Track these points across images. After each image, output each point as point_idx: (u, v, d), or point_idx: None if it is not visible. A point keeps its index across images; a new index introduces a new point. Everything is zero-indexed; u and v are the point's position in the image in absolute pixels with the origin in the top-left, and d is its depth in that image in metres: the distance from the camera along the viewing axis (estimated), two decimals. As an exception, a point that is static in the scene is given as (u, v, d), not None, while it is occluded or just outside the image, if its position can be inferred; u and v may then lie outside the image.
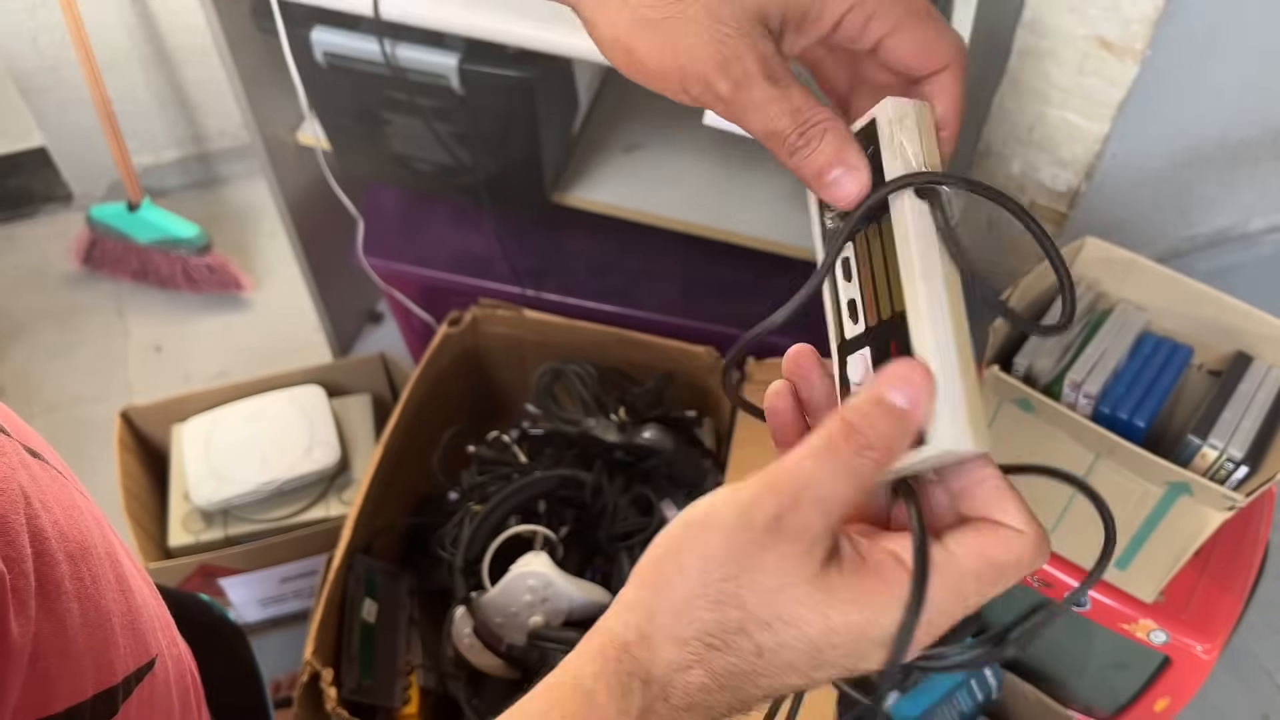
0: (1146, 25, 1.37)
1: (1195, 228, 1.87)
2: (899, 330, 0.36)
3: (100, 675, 0.36)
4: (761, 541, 0.32)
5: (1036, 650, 1.26)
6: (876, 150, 0.39)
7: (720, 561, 0.33)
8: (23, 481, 0.34)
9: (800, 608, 0.33)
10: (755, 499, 0.33)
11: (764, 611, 0.33)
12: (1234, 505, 0.94)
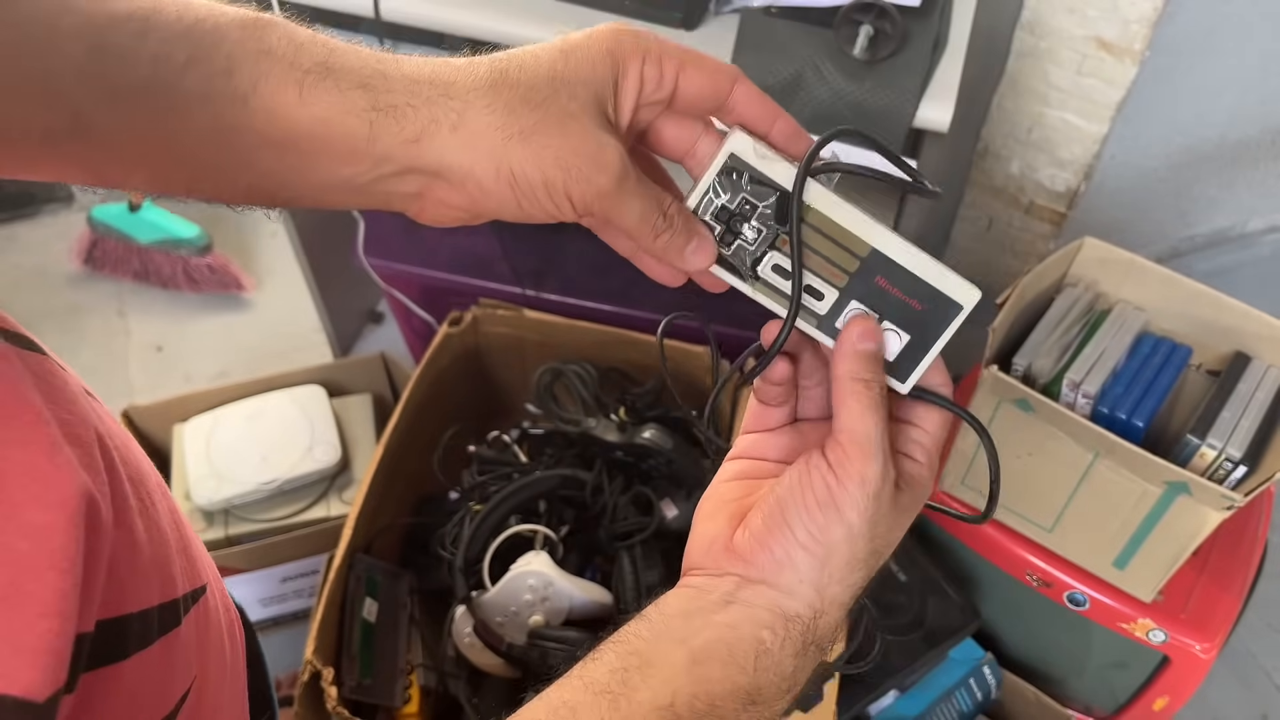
0: (1145, 26, 1.37)
1: (1194, 228, 1.88)
2: (875, 264, 0.45)
3: (164, 588, 0.38)
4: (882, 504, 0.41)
5: (1036, 650, 1.27)
6: (750, 175, 0.46)
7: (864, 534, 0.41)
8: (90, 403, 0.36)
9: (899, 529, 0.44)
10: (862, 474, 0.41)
11: (887, 545, 0.43)
12: (1232, 505, 0.94)
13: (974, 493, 1.16)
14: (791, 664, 0.41)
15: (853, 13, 1.02)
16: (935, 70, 1.07)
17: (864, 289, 0.45)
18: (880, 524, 0.42)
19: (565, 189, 0.41)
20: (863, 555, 0.42)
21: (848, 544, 0.41)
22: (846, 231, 0.45)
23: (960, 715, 1.20)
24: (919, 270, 0.45)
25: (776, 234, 0.46)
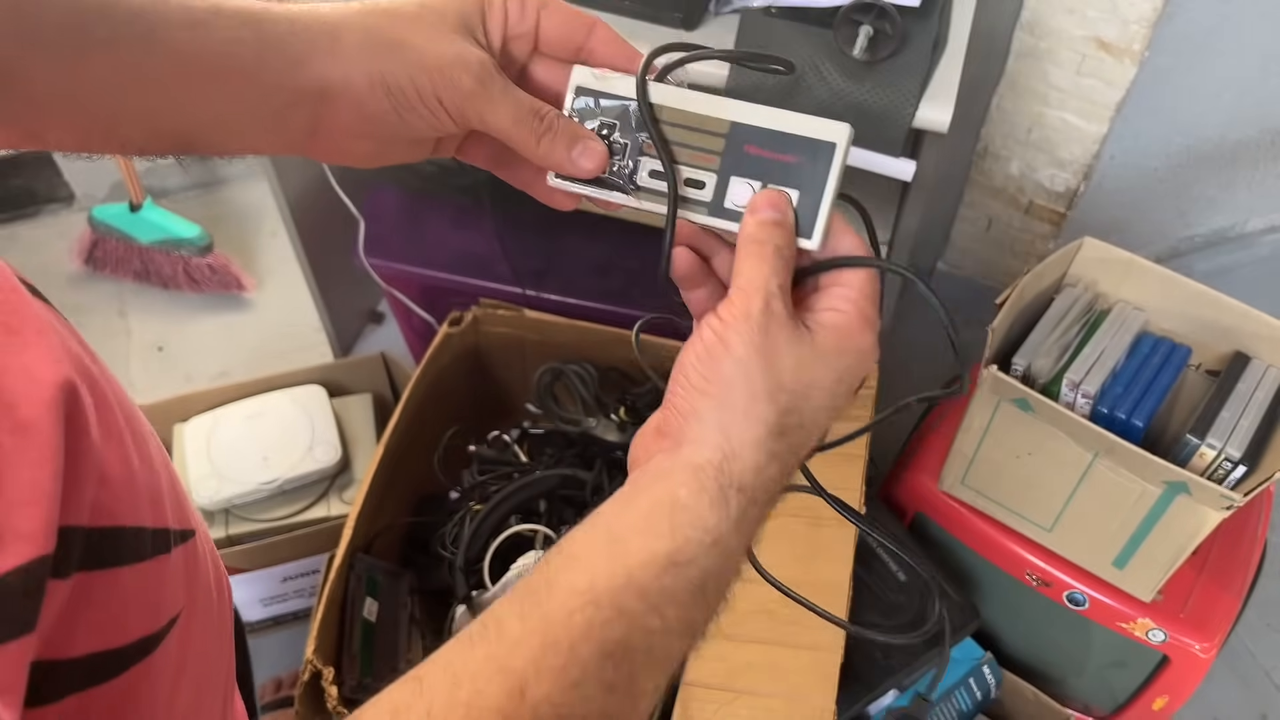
0: (1145, 26, 1.37)
1: (1193, 228, 1.88)
2: (739, 136, 0.46)
3: (155, 513, 0.39)
4: (776, 342, 0.41)
5: (1036, 649, 1.27)
6: (601, 99, 0.48)
7: (760, 368, 0.41)
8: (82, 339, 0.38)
9: (815, 371, 0.42)
10: (748, 317, 0.41)
11: (798, 385, 0.42)
12: (1232, 505, 0.94)
13: (973, 492, 1.17)
14: (712, 515, 0.39)
15: (852, 13, 1.02)
16: (935, 71, 1.07)
17: (738, 162, 0.46)
18: (781, 357, 0.41)
19: (434, 92, 0.44)
20: (765, 388, 0.41)
21: (743, 378, 0.41)
22: (702, 116, 0.47)
23: (960, 714, 1.20)
24: (781, 125, 0.46)
25: (640, 141, 0.48)
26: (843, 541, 1.04)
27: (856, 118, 1.05)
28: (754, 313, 0.41)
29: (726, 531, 0.40)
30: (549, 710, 0.34)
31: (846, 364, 0.43)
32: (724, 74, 1.06)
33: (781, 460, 0.42)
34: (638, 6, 1.09)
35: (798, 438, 0.42)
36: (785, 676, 0.97)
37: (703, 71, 1.07)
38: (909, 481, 1.24)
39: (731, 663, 0.98)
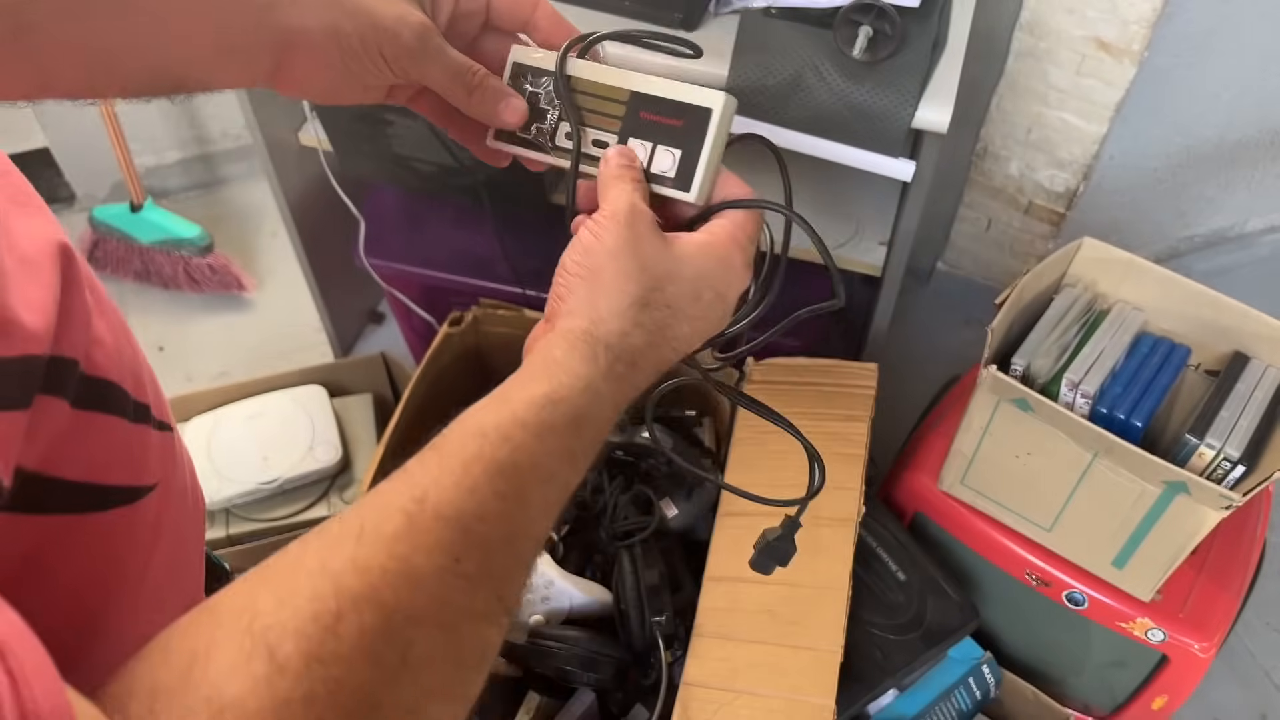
0: (1144, 27, 1.37)
1: (1193, 228, 1.88)
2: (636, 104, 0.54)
3: (137, 389, 0.43)
4: (640, 234, 0.49)
5: (1035, 649, 1.27)
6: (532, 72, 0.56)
7: (626, 254, 0.48)
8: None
9: (675, 264, 0.50)
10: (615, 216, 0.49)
11: (660, 270, 0.49)
12: (1231, 504, 0.94)
13: (973, 492, 1.17)
14: (583, 367, 0.45)
15: (852, 13, 1.02)
16: (934, 71, 1.07)
17: (635, 127, 0.55)
18: (644, 245, 0.49)
19: (378, 45, 0.49)
20: (629, 269, 0.48)
21: (611, 260, 0.48)
22: (608, 86, 0.55)
23: (959, 714, 1.20)
24: (670, 94, 0.54)
25: (560, 108, 0.56)
26: (842, 541, 1.04)
27: (856, 118, 1.06)
28: (620, 214, 0.49)
29: (597, 380, 0.46)
30: (449, 510, 0.38)
31: (709, 267, 0.51)
32: (723, 75, 1.07)
33: (647, 331, 0.48)
34: (638, 7, 1.09)
35: (663, 315, 0.49)
36: (785, 676, 0.97)
37: (702, 72, 1.08)
38: (909, 481, 1.24)
39: (731, 663, 0.98)
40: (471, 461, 0.40)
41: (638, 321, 0.48)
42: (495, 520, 0.40)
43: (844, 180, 1.32)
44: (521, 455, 0.41)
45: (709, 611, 1.02)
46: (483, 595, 0.39)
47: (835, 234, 1.32)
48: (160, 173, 2.04)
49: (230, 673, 0.30)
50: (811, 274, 1.48)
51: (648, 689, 1.04)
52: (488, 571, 0.39)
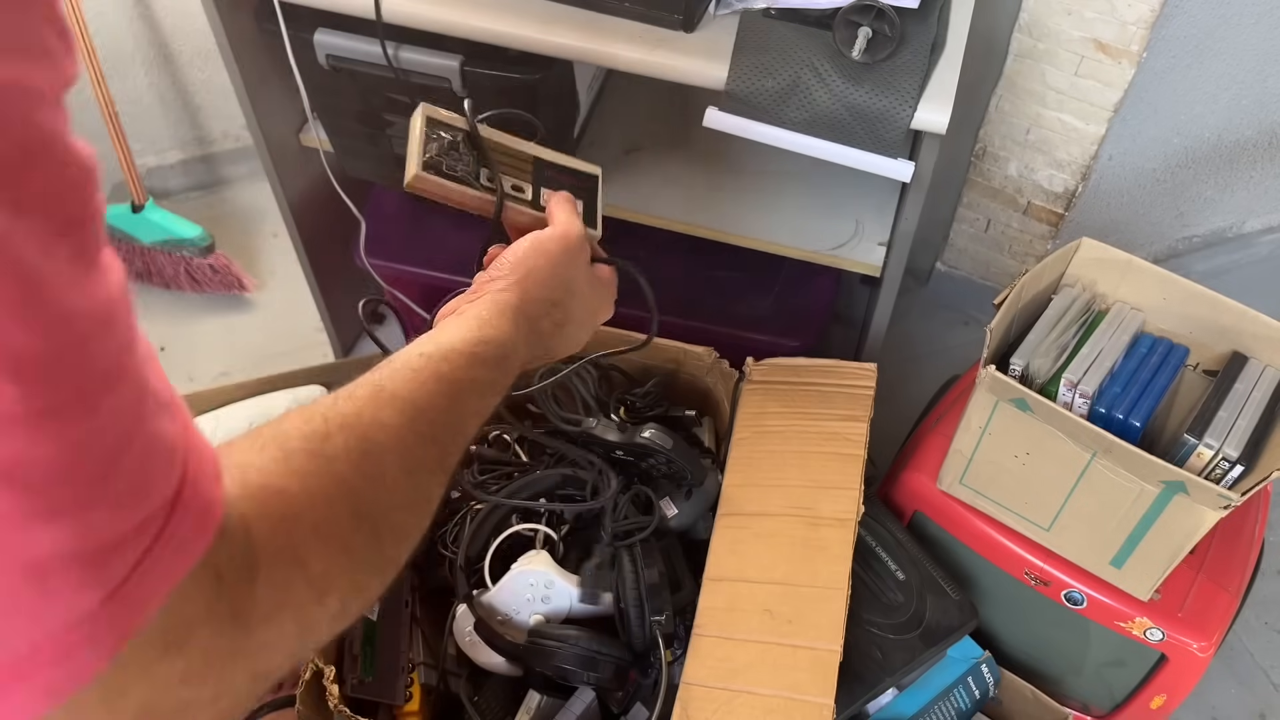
0: (1143, 28, 1.38)
1: (1191, 228, 1.88)
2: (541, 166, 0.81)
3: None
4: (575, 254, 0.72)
5: (1034, 648, 1.27)
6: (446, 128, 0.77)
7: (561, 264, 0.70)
8: None
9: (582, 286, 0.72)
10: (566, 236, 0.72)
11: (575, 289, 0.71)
12: (1229, 504, 0.94)
13: (972, 491, 1.17)
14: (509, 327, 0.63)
15: (851, 14, 1.02)
16: (933, 72, 1.07)
17: (544, 180, 0.79)
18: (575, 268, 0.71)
19: None
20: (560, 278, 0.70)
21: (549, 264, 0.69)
22: (515, 151, 0.80)
23: (958, 713, 1.20)
24: (564, 162, 0.82)
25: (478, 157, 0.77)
26: (841, 541, 1.05)
27: (855, 119, 1.06)
28: (571, 236, 0.72)
29: (517, 340, 0.63)
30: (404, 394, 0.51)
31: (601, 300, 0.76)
32: (723, 75, 1.07)
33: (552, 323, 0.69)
34: (638, 8, 1.09)
35: (563, 318, 0.70)
36: (784, 676, 0.97)
37: (699, 74, 1.08)
38: (908, 481, 1.24)
39: (731, 663, 0.99)
40: (419, 369, 0.53)
41: (549, 315, 0.68)
42: (438, 409, 0.53)
43: (843, 181, 1.32)
44: (458, 373, 0.56)
45: (709, 611, 1.03)
46: (432, 452, 0.51)
47: (835, 234, 1.32)
48: (161, 173, 2.04)
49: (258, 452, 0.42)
50: (813, 274, 1.49)
51: (648, 688, 1.04)
52: (433, 438, 0.51)
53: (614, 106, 1.47)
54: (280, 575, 0.39)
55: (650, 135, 1.43)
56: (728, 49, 1.07)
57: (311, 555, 0.40)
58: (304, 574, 0.40)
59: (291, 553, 0.40)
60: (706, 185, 1.38)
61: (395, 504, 0.47)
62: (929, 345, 1.85)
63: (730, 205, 1.35)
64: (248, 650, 0.37)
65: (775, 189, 1.38)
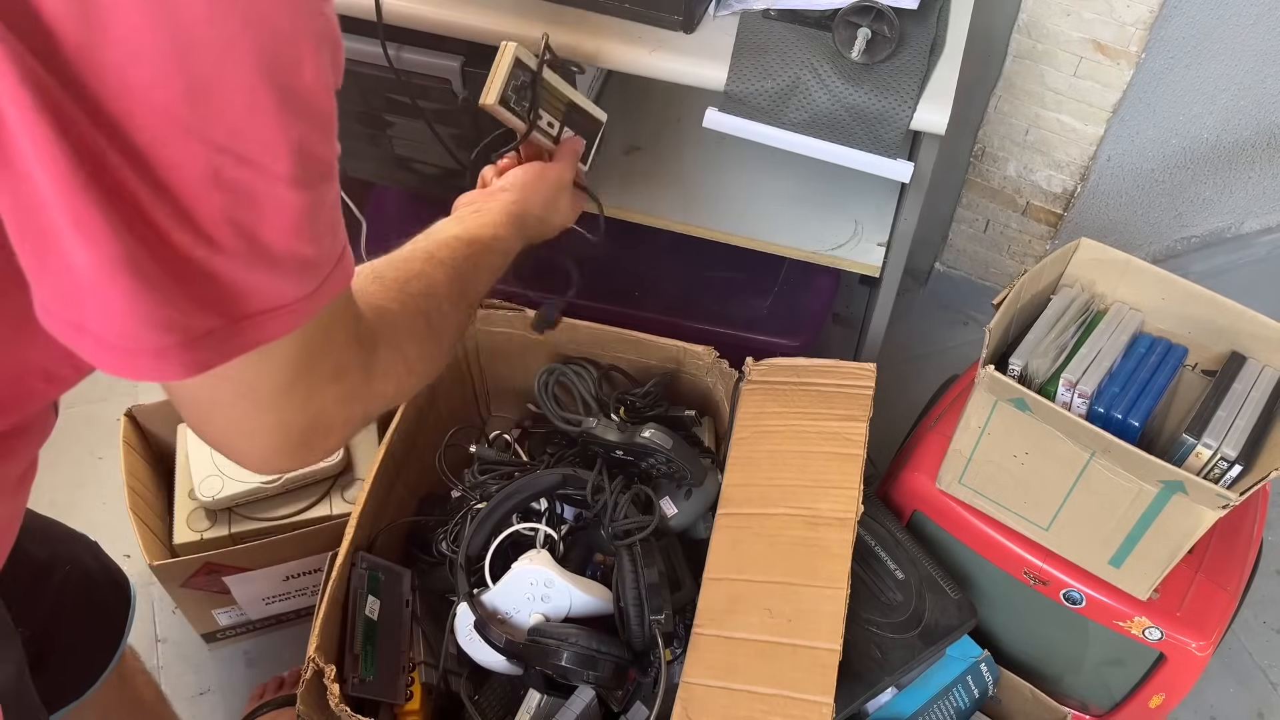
0: (1141, 29, 1.38)
1: (1190, 229, 1.89)
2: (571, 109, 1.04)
3: None
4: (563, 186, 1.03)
5: (1033, 647, 1.27)
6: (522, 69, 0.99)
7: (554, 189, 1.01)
8: None
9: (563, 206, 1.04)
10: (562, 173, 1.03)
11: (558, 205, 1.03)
12: (1228, 504, 0.95)
13: (971, 491, 1.17)
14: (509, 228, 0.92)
15: (850, 15, 1.03)
16: (932, 73, 1.08)
17: (570, 122, 1.04)
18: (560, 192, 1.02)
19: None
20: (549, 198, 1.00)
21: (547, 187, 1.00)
22: (560, 94, 1.03)
23: (957, 713, 1.20)
24: (584, 105, 1.05)
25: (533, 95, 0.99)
26: (840, 540, 1.05)
27: (854, 120, 1.06)
28: (565, 176, 1.03)
29: (513, 236, 0.93)
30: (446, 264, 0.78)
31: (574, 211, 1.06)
32: (722, 76, 1.07)
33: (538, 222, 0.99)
34: (638, 9, 1.09)
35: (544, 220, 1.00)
36: (784, 675, 0.97)
37: (699, 75, 1.08)
38: (907, 480, 1.25)
39: (730, 661, 0.99)
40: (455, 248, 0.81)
41: (538, 220, 0.99)
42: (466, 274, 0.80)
43: (842, 181, 1.32)
44: (478, 254, 0.84)
45: (708, 610, 1.03)
46: (463, 300, 0.78)
47: (834, 235, 1.33)
48: (161, 173, 2.04)
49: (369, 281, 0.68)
50: (812, 274, 1.49)
51: (648, 687, 1.04)
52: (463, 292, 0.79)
53: (614, 106, 1.48)
54: (389, 350, 0.62)
55: (650, 135, 1.43)
56: (727, 50, 1.07)
57: (406, 344, 0.64)
58: (401, 353, 0.64)
59: (395, 340, 0.63)
60: (706, 185, 1.39)
61: (446, 324, 0.73)
62: (928, 345, 1.86)
63: (730, 205, 1.36)
64: (369, 393, 0.60)
65: (775, 189, 1.38)
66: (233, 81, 0.41)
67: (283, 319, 0.48)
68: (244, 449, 0.56)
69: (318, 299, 0.49)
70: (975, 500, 1.18)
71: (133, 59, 0.38)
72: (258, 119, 0.42)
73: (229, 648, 1.49)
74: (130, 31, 0.38)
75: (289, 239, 0.46)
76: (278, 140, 0.43)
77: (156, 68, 0.39)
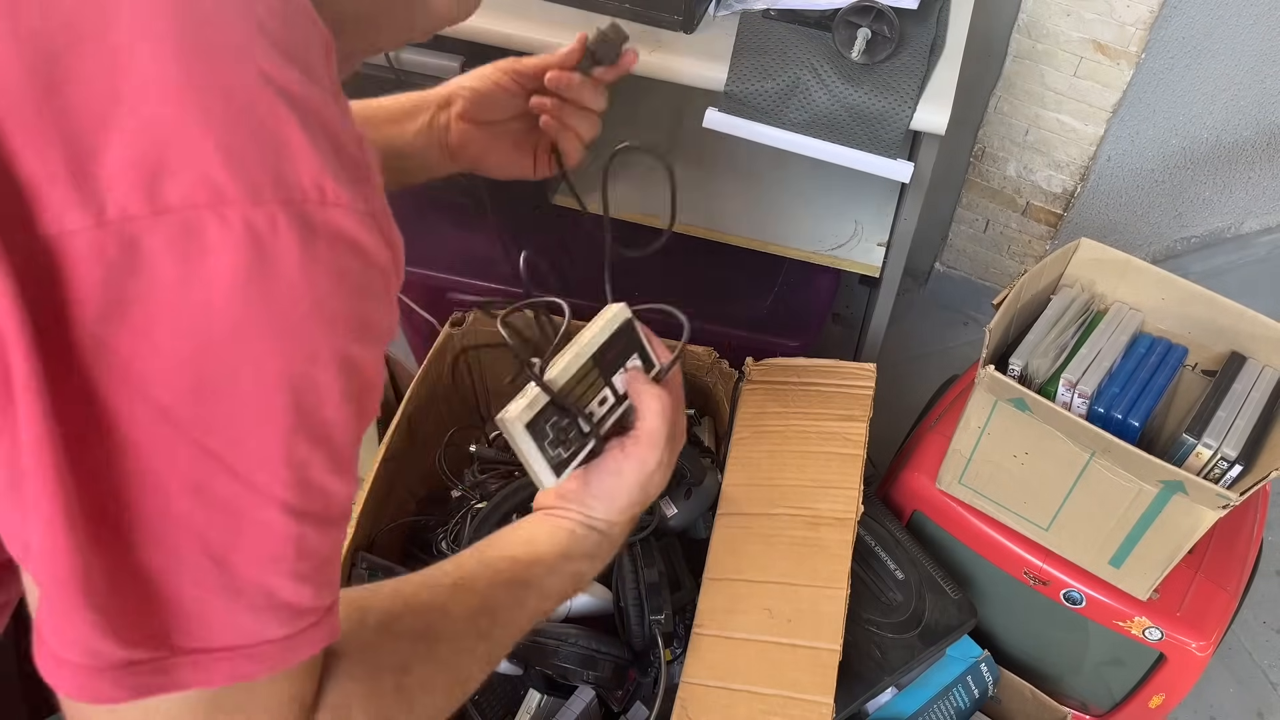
0: (1141, 29, 1.38)
1: (1189, 229, 1.89)
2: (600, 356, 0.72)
3: None
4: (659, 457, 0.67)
5: (1033, 647, 1.27)
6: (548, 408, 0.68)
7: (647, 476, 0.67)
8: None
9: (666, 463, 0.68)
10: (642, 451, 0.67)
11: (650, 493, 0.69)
12: (1228, 504, 0.95)
13: (971, 491, 1.17)
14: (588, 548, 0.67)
15: (850, 16, 1.03)
16: (932, 73, 1.08)
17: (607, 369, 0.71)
18: (654, 481, 0.68)
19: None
20: (637, 498, 0.68)
21: (627, 490, 0.67)
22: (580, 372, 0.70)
23: (957, 713, 1.20)
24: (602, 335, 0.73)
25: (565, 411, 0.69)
26: (840, 540, 1.05)
27: (854, 120, 1.06)
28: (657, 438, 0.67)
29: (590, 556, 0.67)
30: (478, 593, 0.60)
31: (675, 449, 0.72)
32: (722, 77, 1.07)
33: (629, 522, 0.69)
34: (638, 9, 1.09)
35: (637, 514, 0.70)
36: (784, 675, 0.97)
37: (699, 75, 1.08)
38: (907, 480, 1.25)
39: (731, 661, 0.99)
40: (500, 570, 0.62)
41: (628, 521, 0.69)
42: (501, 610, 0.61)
43: (843, 181, 1.32)
44: (535, 580, 0.64)
45: (708, 610, 1.03)
46: (482, 647, 0.60)
47: (834, 235, 1.33)
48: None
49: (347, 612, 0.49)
50: (813, 274, 1.49)
51: (648, 687, 1.05)
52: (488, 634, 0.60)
53: (614, 106, 1.47)
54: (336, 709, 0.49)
55: (650, 135, 1.43)
56: (727, 50, 1.07)
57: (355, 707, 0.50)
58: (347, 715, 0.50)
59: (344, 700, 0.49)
60: (706, 185, 1.39)
61: (436, 684, 0.56)
62: (928, 345, 1.86)
63: (730, 205, 1.36)
64: None
65: (775, 189, 1.38)
66: (247, 388, 0.37)
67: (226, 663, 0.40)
68: None
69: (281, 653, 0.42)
70: (975, 500, 1.18)
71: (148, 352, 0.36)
72: (263, 431, 0.38)
73: (229, 648, 1.49)
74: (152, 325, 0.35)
75: (265, 570, 0.40)
76: (278, 459, 0.39)
77: (168, 363, 0.36)
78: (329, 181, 0.38)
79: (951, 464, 1.17)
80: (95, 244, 0.34)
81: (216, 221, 0.35)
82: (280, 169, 0.37)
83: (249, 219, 0.35)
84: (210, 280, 0.35)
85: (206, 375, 0.36)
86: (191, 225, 0.35)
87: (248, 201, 0.35)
